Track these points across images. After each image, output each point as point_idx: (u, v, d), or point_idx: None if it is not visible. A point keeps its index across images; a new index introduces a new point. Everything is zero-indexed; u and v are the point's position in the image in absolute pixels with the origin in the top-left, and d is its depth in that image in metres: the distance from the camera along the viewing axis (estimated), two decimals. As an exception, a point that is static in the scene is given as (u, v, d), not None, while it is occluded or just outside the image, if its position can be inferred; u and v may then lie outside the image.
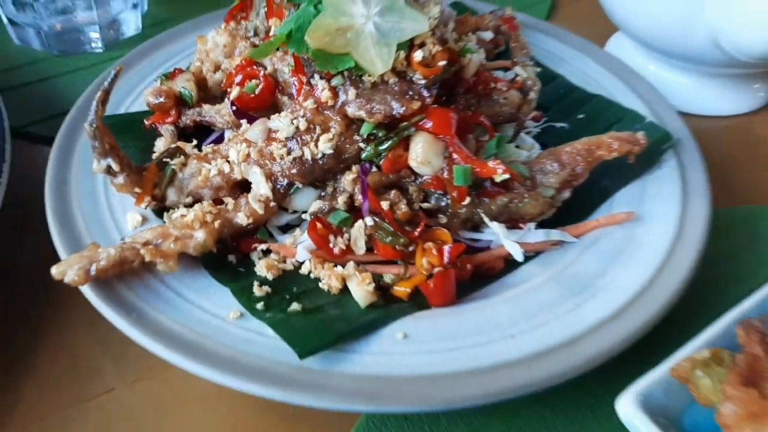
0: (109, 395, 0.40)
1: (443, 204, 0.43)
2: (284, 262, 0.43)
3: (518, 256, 0.41)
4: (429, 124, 0.42)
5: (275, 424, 0.39)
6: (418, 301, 0.41)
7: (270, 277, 0.41)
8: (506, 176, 0.41)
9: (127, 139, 0.49)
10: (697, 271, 0.42)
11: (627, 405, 0.36)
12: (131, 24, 0.67)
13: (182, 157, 0.44)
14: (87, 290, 0.39)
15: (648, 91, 0.56)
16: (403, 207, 0.42)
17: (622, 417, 0.36)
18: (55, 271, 0.38)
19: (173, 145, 0.46)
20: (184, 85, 0.50)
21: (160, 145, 0.48)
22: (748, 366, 0.36)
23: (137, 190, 0.43)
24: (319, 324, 0.38)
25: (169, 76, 0.51)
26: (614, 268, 0.42)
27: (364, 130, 0.42)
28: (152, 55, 0.57)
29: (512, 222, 0.44)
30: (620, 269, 0.42)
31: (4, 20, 0.65)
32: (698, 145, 0.50)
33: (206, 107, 0.49)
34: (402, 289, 0.41)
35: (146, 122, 0.50)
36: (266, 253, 0.43)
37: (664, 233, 0.44)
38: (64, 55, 0.66)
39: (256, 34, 0.50)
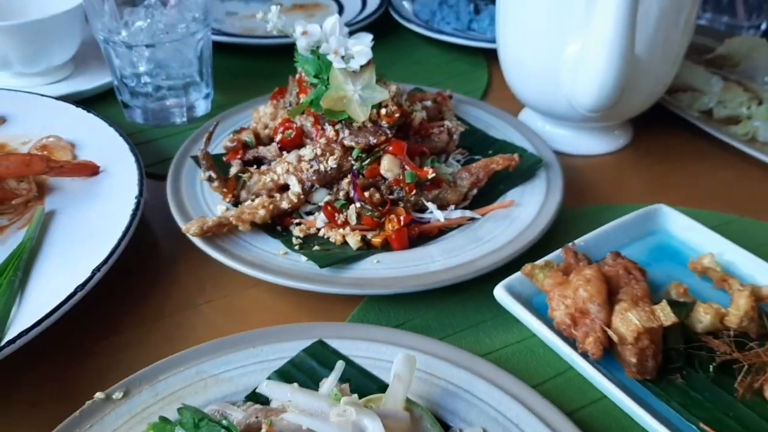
0: (209, 304, 0.69)
1: (401, 195, 0.74)
2: (309, 229, 0.73)
3: (440, 218, 0.72)
4: (391, 149, 0.73)
5: (307, 312, 0.68)
6: (386, 247, 0.71)
7: (301, 235, 0.72)
8: (433, 175, 0.72)
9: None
10: (545, 232, 0.71)
11: (499, 291, 0.65)
12: (203, 106, 1.01)
13: (249, 173, 0.76)
14: (199, 241, 0.69)
15: (535, 137, 0.87)
16: (377, 196, 0.73)
17: (497, 298, 0.65)
18: (184, 227, 0.68)
19: (241, 169, 0.78)
20: (247, 136, 0.82)
21: (233, 170, 0.80)
22: (564, 267, 0.65)
23: (225, 190, 0.74)
24: (330, 254, 0.68)
25: (238, 132, 0.84)
26: (499, 229, 0.72)
27: (354, 153, 0.74)
28: (225, 122, 0.90)
29: (442, 206, 0.75)
30: (503, 230, 0.72)
31: (120, 103, 0.99)
32: (560, 167, 0.81)
33: (261, 148, 0.81)
34: (377, 240, 0.71)
35: (224, 159, 0.82)
36: (298, 225, 0.74)
37: (530, 212, 0.74)
38: (158, 127, 0.98)
39: (290, 105, 0.84)
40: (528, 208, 0.75)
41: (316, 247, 0.69)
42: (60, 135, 0.84)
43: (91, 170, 0.78)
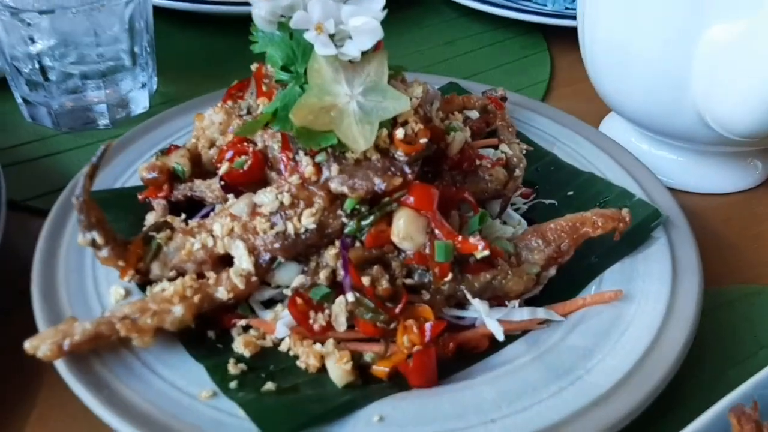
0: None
1: (426, 280, 0.42)
2: (263, 338, 0.42)
3: (499, 335, 0.40)
4: (411, 200, 0.42)
5: None
6: (398, 381, 0.40)
7: (247, 354, 0.41)
8: (486, 253, 0.40)
9: (120, 213, 0.49)
10: (687, 352, 0.40)
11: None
12: (140, 102, 0.70)
13: (168, 231, 0.45)
14: (60, 365, 0.38)
15: (638, 168, 0.56)
16: (384, 283, 0.41)
17: None
18: (28, 345, 0.38)
19: (161, 220, 0.46)
20: (177, 160, 0.51)
21: (150, 219, 0.49)
22: (741, 455, 0.34)
23: (121, 263, 0.43)
24: (292, 405, 0.37)
25: (165, 152, 0.53)
26: (601, 350, 0.41)
27: (347, 205, 0.43)
28: (153, 131, 0.58)
29: (497, 299, 0.43)
30: (607, 350, 0.40)
31: (18, 99, 0.68)
32: (689, 223, 0.50)
33: (197, 182, 0.50)
34: (381, 369, 0.40)
35: (140, 197, 0.51)
36: (246, 329, 0.43)
37: (653, 312, 0.43)
38: (72, 132, 0.68)
39: (249, 112, 0.52)
40: (646, 302, 0.44)
41: (269, 384, 0.38)
42: None
43: None
